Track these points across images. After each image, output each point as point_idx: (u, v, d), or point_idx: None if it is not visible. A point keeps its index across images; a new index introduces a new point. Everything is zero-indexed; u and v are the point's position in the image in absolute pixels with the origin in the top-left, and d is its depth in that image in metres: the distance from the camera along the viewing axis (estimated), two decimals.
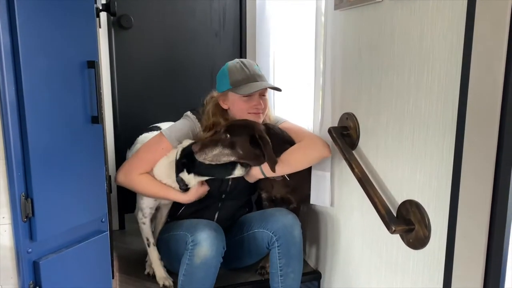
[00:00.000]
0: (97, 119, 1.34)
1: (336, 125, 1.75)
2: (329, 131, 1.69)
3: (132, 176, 1.81)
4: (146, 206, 1.92)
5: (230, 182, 1.91)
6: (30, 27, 1.14)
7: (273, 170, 1.72)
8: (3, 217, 1.17)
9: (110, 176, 2.07)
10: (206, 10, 2.59)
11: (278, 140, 1.80)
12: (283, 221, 1.75)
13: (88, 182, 1.36)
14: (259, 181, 1.90)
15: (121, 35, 2.45)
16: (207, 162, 1.71)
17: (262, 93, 1.84)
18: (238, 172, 1.77)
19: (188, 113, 1.91)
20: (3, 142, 1.14)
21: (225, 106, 1.86)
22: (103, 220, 1.44)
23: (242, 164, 1.76)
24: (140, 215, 1.94)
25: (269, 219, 1.78)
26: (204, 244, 1.63)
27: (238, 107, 1.83)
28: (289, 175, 1.83)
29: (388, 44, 1.41)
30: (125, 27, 2.43)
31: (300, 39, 2.14)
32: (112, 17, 2.36)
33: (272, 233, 1.74)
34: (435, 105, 1.23)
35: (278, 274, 1.75)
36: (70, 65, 1.26)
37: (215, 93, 1.90)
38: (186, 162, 1.75)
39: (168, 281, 1.90)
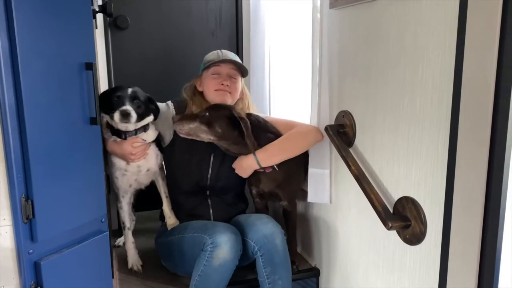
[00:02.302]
0: (95, 120, 1.35)
1: (332, 123, 1.76)
2: (326, 129, 1.71)
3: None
4: (120, 185, 1.93)
5: (209, 175, 1.93)
6: (28, 30, 1.15)
7: (254, 150, 1.78)
8: (4, 219, 1.19)
9: (108, 176, 2.08)
10: (202, 10, 2.60)
11: (260, 129, 1.84)
12: (263, 230, 1.74)
13: (87, 183, 1.37)
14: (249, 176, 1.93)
15: (117, 36, 2.46)
16: (182, 134, 1.78)
17: (231, 75, 1.93)
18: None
19: (169, 101, 2.01)
20: (3, 145, 1.15)
21: (200, 89, 1.97)
22: (103, 220, 1.45)
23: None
24: (117, 201, 1.98)
25: (251, 228, 1.76)
26: (225, 247, 1.63)
27: (207, 85, 1.93)
28: (278, 166, 1.85)
29: (383, 42, 1.43)
30: (122, 27, 2.44)
31: (295, 37, 2.16)
32: (108, 18, 2.37)
33: (254, 243, 1.73)
34: (430, 102, 1.24)
35: (266, 282, 1.74)
36: (68, 67, 1.28)
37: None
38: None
39: (138, 266, 1.98)
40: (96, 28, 2.11)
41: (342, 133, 1.69)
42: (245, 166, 1.85)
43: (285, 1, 2.21)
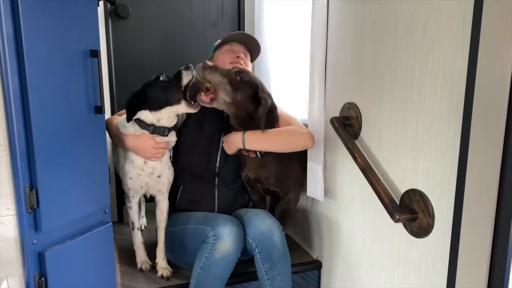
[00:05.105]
0: (100, 109, 1.33)
1: (338, 115, 1.75)
2: (331, 121, 1.69)
3: (112, 115, 1.99)
4: (132, 186, 1.85)
5: (219, 156, 1.91)
6: (33, 16, 1.13)
7: (263, 129, 1.74)
8: (8, 208, 1.17)
9: (109, 167, 2.05)
10: (204, 0, 2.57)
11: (272, 115, 1.81)
12: (260, 227, 1.72)
13: (92, 173, 1.36)
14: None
15: (118, 25, 2.42)
16: (206, 83, 1.72)
17: (246, 55, 1.99)
18: (182, 108, 1.72)
19: None
20: (7, 133, 1.13)
21: None
22: (107, 211, 1.44)
23: (189, 104, 1.71)
24: (126, 199, 1.93)
25: (248, 224, 1.75)
26: (227, 239, 1.63)
27: (222, 60, 1.94)
28: (262, 155, 1.83)
29: (391, 32, 1.41)
30: (122, 16, 2.41)
31: (299, 29, 2.13)
32: (109, 7, 2.34)
33: (251, 239, 1.72)
34: (440, 93, 1.23)
35: (264, 278, 1.73)
36: (73, 54, 1.25)
37: None
38: (136, 101, 1.71)
39: (147, 266, 1.92)
40: None
41: (347, 125, 1.67)
42: (230, 141, 1.82)
43: None
